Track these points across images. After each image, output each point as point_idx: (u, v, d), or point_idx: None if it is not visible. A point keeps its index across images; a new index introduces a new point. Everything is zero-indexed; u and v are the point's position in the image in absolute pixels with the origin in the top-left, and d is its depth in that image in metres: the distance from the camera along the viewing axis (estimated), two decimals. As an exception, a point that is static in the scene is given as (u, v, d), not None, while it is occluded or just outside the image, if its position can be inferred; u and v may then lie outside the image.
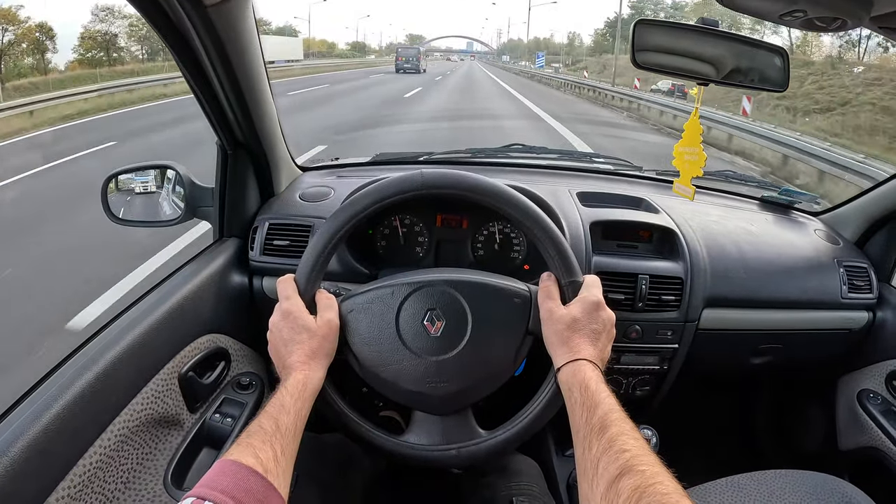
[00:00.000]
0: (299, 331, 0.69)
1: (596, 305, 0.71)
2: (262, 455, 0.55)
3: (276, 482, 0.54)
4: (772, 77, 0.91)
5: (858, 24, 0.72)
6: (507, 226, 1.08)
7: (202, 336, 0.91)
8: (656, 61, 0.86)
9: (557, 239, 0.73)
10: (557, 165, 1.42)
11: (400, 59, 30.37)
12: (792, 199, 1.31)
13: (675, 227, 1.09)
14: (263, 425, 0.59)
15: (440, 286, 0.74)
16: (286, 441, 0.59)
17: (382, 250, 1.09)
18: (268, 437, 0.58)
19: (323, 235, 0.73)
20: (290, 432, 0.60)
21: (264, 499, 0.52)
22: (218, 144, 1.00)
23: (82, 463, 0.65)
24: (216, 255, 1.01)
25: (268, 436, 0.58)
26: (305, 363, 0.67)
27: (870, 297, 1.17)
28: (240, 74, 0.84)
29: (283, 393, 0.63)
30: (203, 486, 0.50)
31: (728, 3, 0.72)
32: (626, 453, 0.54)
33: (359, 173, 1.28)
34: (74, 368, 0.68)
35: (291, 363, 0.67)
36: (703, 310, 1.06)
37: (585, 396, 0.62)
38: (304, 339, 0.68)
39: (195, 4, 0.68)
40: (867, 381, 1.19)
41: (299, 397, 0.63)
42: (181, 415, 0.85)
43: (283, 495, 0.55)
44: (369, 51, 78.75)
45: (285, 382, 0.65)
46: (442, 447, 0.73)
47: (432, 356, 0.72)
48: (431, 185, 0.75)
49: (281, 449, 0.57)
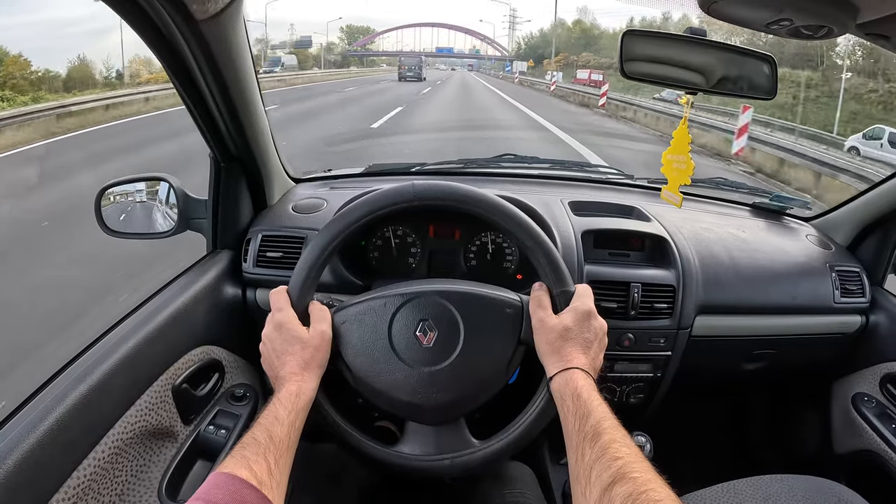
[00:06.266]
0: (292, 342, 0.69)
1: (587, 314, 0.72)
2: (256, 467, 0.55)
3: (270, 494, 0.54)
4: (761, 84, 0.92)
5: (845, 31, 0.73)
6: (499, 236, 1.08)
7: (196, 348, 0.91)
8: (645, 71, 0.87)
9: (548, 249, 0.74)
10: (549, 175, 1.43)
11: (403, 68, 30.32)
12: (783, 205, 1.32)
13: (666, 235, 1.10)
14: (257, 437, 0.59)
15: (432, 297, 0.74)
16: (280, 452, 0.59)
17: (375, 261, 1.09)
18: (261, 450, 0.58)
19: (315, 247, 0.74)
20: (284, 444, 0.60)
21: None
22: (211, 157, 1.01)
23: (76, 475, 0.65)
24: (209, 267, 1.01)
25: (261, 448, 0.58)
26: (298, 374, 0.67)
27: (862, 301, 1.17)
28: (232, 88, 0.85)
29: (276, 404, 0.63)
30: (197, 500, 0.51)
31: (715, 13, 0.73)
32: (618, 461, 0.54)
33: (352, 184, 1.29)
34: (69, 380, 0.68)
35: (284, 374, 0.67)
36: (696, 317, 1.06)
37: (578, 405, 0.63)
38: (297, 351, 0.69)
39: (186, 19, 0.69)
40: (861, 384, 1.19)
41: (292, 409, 0.64)
42: (175, 427, 0.84)
43: None
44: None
45: (278, 394, 0.65)
46: (435, 457, 0.73)
47: (425, 367, 0.72)
48: (423, 196, 0.75)
49: (275, 461, 0.58)
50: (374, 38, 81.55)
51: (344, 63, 65.12)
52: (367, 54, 77.75)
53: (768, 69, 0.91)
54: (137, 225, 1.09)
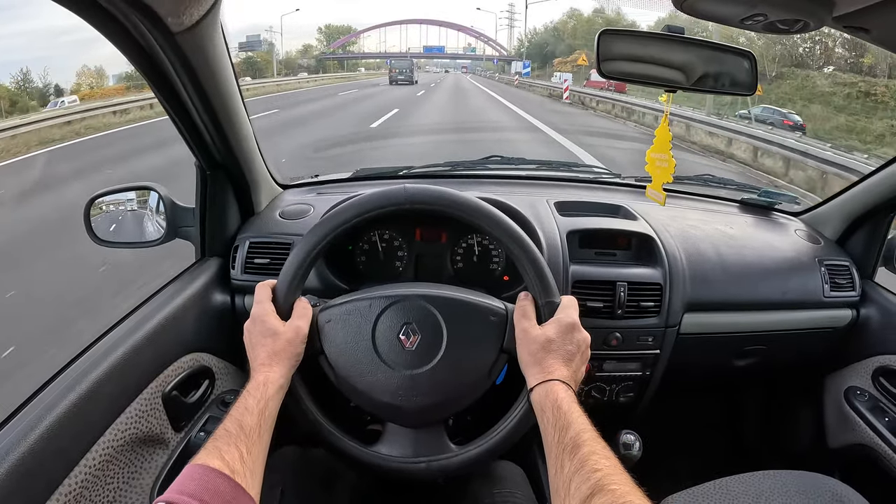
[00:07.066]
0: (265, 334, 0.71)
1: (571, 327, 0.72)
2: (228, 456, 0.57)
3: (243, 482, 0.56)
4: (741, 80, 0.92)
5: (821, 25, 0.72)
6: (485, 238, 1.08)
7: (186, 355, 0.92)
8: (623, 70, 0.87)
9: (536, 259, 0.74)
10: (536, 176, 1.43)
11: (393, 72, 30.26)
12: (772, 200, 1.32)
13: (652, 234, 1.10)
14: (228, 428, 0.61)
15: (417, 301, 0.75)
16: (251, 441, 0.61)
17: (363, 266, 1.09)
18: (232, 439, 0.60)
19: (304, 246, 0.75)
20: (255, 432, 0.62)
21: (232, 499, 0.54)
22: (196, 165, 1.01)
23: (68, 482, 0.65)
24: (198, 275, 1.01)
25: (232, 438, 0.60)
26: (266, 365, 0.69)
27: (852, 294, 1.17)
28: (213, 97, 0.85)
29: (245, 396, 0.65)
30: (171, 492, 0.52)
31: (689, 9, 0.73)
32: (597, 472, 0.55)
33: (339, 189, 1.29)
34: (59, 389, 0.69)
35: (255, 365, 0.70)
36: (684, 314, 1.06)
37: (557, 416, 0.63)
38: (268, 343, 0.70)
39: (163, 32, 0.69)
40: (854, 378, 1.19)
41: (261, 398, 0.65)
42: (166, 434, 0.85)
43: (253, 494, 0.57)
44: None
45: (248, 385, 0.67)
46: (412, 460, 0.74)
47: (406, 370, 0.72)
48: (415, 200, 0.76)
49: (246, 449, 0.59)
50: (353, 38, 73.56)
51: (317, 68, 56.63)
52: (345, 57, 70.39)
53: (748, 64, 0.92)
54: (129, 234, 1.11)
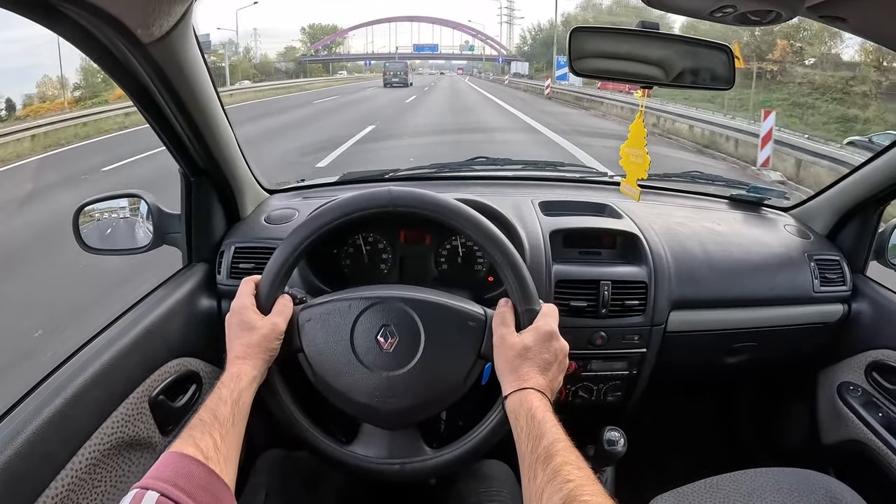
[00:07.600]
0: (244, 327, 0.72)
1: (549, 335, 0.72)
2: (202, 444, 0.59)
3: (217, 468, 0.58)
4: (720, 75, 0.91)
5: (794, 15, 0.71)
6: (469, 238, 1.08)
7: (173, 360, 0.92)
8: (597, 67, 0.87)
9: (517, 265, 0.74)
10: (522, 176, 1.43)
11: (388, 74, 30.18)
12: (761, 196, 1.31)
13: (637, 232, 1.09)
14: (202, 417, 0.63)
15: (396, 303, 0.75)
16: (225, 430, 0.62)
17: (347, 269, 1.09)
18: (206, 428, 0.61)
19: (288, 245, 0.76)
20: (229, 421, 0.63)
21: (206, 484, 0.55)
22: (180, 172, 1.02)
23: (55, 485, 0.66)
24: (184, 280, 1.02)
25: (206, 426, 0.61)
26: (241, 358, 0.70)
27: (843, 289, 1.15)
28: (190, 105, 0.86)
29: (219, 387, 0.67)
30: (148, 478, 0.54)
31: (656, 3, 0.73)
32: (569, 483, 0.55)
33: (325, 194, 1.30)
34: (45, 394, 0.70)
35: (230, 357, 0.71)
36: (670, 312, 1.06)
37: (531, 426, 0.63)
38: (244, 336, 0.72)
39: (134, 43, 0.70)
40: (847, 373, 1.17)
41: (235, 388, 0.67)
42: (153, 438, 0.86)
43: (228, 481, 0.58)
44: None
45: (222, 376, 0.69)
46: (386, 461, 0.74)
47: (383, 371, 0.73)
48: (399, 203, 0.76)
49: (220, 437, 0.61)
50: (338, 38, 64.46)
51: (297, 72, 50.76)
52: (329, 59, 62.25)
53: (726, 58, 0.91)
54: (119, 241, 1.13)
